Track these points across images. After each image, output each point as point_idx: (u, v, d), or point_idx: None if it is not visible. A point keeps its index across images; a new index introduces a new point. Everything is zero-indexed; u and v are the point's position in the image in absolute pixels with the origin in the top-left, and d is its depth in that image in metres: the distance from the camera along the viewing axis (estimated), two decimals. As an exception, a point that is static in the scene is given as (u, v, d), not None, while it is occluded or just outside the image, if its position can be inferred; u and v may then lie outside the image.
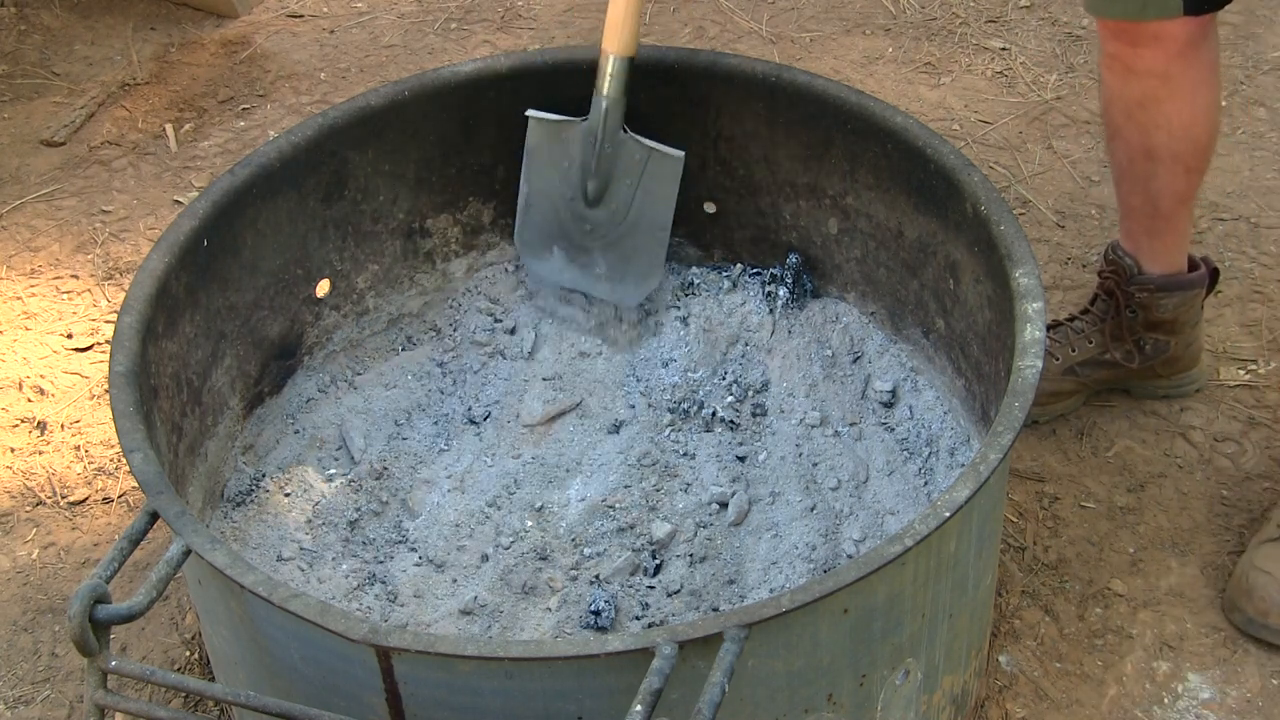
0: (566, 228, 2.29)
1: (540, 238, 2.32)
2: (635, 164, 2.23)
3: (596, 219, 2.28)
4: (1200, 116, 2.15)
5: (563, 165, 2.26)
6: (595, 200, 2.26)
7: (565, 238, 2.30)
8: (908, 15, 3.43)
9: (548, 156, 2.27)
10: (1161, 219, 2.26)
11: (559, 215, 2.29)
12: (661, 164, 2.23)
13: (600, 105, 2.20)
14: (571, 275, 2.31)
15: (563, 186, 2.27)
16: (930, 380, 2.22)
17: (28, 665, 2.16)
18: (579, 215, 2.28)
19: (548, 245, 2.31)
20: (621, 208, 2.26)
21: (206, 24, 3.53)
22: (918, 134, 2.05)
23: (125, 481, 2.42)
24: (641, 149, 2.22)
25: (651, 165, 2.23)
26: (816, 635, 1.59)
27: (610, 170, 2.24)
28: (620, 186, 2.24)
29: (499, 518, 2.11)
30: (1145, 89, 2.12)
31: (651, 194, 2.24)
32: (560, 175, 2.27)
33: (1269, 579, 2.09)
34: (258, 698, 1.51)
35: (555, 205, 2.29)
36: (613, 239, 2.28)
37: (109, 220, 2.97)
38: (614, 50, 2.16)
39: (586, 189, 2.25)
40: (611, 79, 2.18)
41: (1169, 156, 2.17)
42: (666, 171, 2.23)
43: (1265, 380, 2.49)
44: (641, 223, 2.26)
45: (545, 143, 2.26)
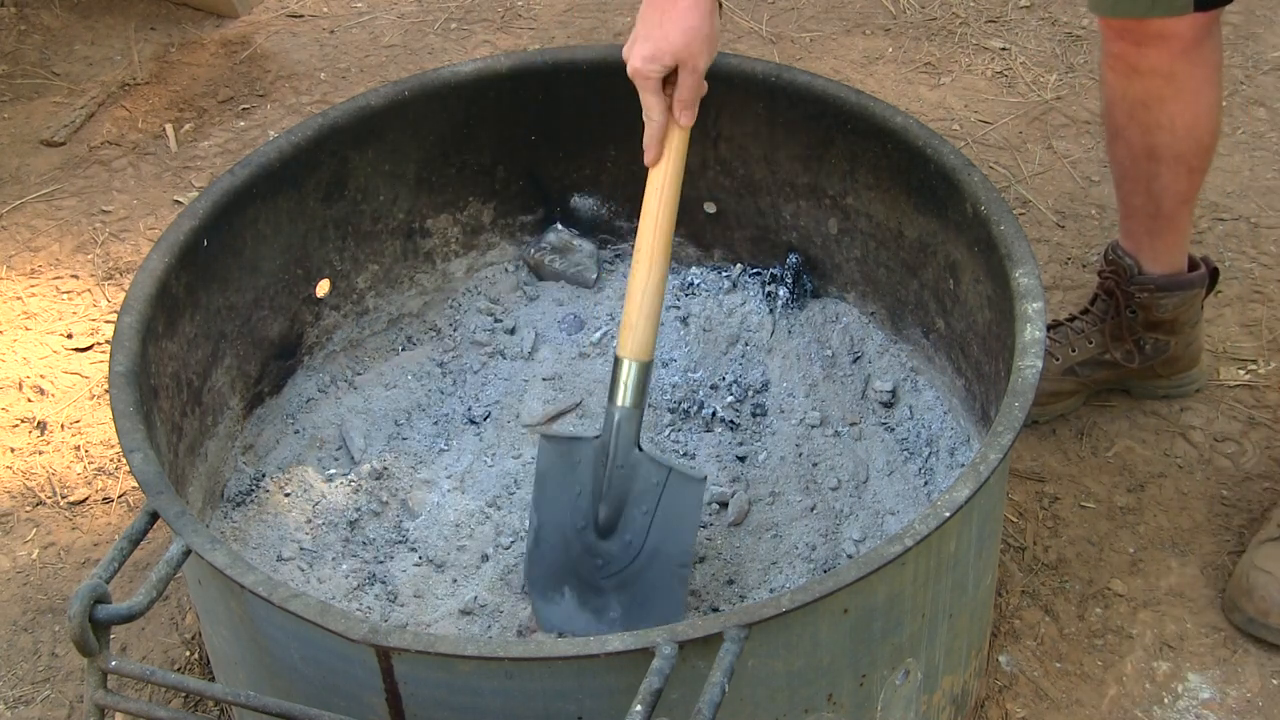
0: (577, 564, 1.99)
1: (550, 576, 2.00)
2: (652, 487, 1.94)
3: (609, 552, 1.97)
4: (1203, 116, 2.15)
5: (574, 491, 1.98)
6: (607, 530, 1.97)
7: (576, 576, 1.99)
8: (908, 15, 3.43)
9: (557, 480, 2.00)
10: (1163, 219, 2.26)
11: (569, 550, 1.99)
12: (681, 487, 1.93)
13: (613, 418, 1.93)
14: (584, 621, 1.99)
15: (573, 516, 1.98)
16: (930, 380, 2.22)
17: (28, 665, 2.16)
18: (590, 549, 1.98)
19: (558, 585, 1.99)
20: (636, 539, 1.96)
21: (206, 24, 3.53)
22: (918, 134, 2.05)
23: (125, 481, 2.42)
24: (659, 470, 1.94)
25: (670, 489, 1.93)
26: (816, 635, 1.59)
27: (624, 494, 1.95)
28: (634, 513, 1.95)
29: (499, 518, 2.11)
30: (1149, 89, 2.12)
31: (669, 523, 1.94)
32: (570, 503, 1.99)
33: (1269, 578, 2.09)
34: (258, 698, 1.51)
35: (565, 538, 1.99)
36: (626, 577, 1.97)
37: (109, 220, 2.97)
38: (629, 355, 1.90)
39: (598, 516, 1.97)
40: (626, 387, 1.91)
41: (1171, 157, 2.17)
42: (687, 496, 1.94)
43: (1265, 380, 2.49)
44: (658, 557, 1.95)
45: (556, 465, 2.00)
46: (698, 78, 1.85)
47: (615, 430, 1.93)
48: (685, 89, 1.85)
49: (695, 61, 1.83)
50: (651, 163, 1.92)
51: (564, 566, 2.00)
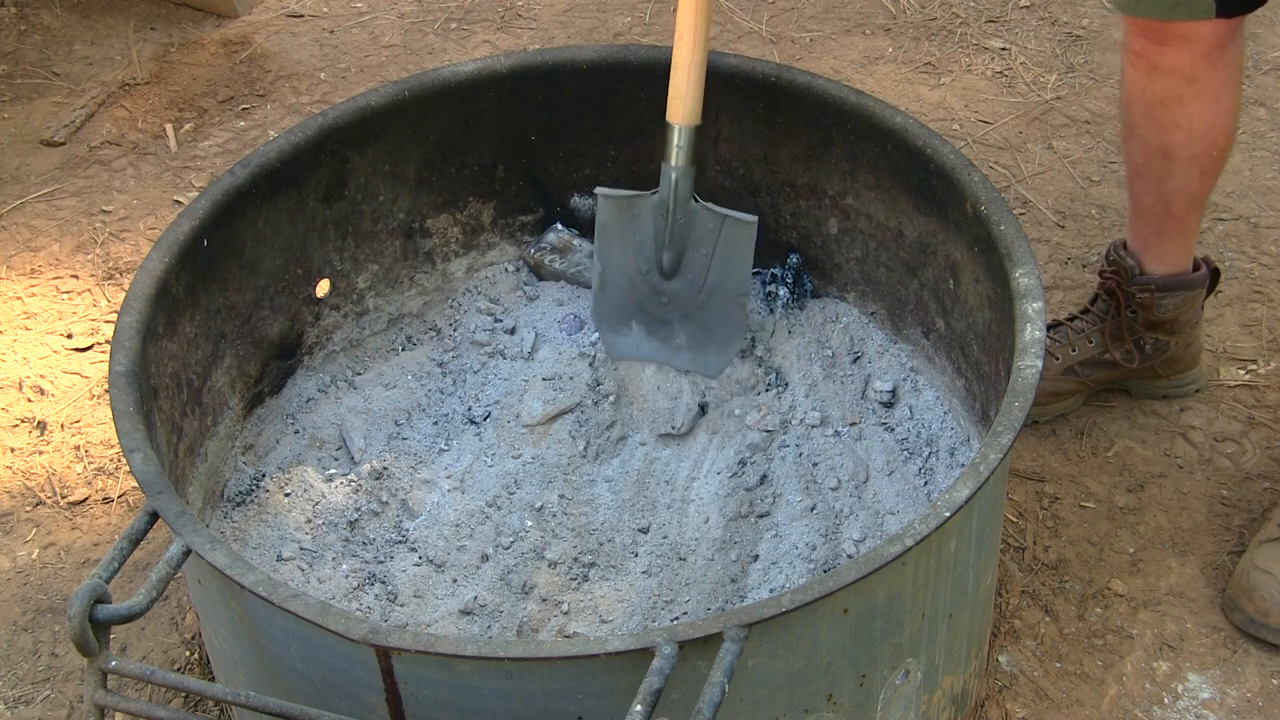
0: (643, 302, 2.27)
1: (617, 313, 2.29)
2: (709, 233, 2.20)
3: (673, 291, 2.25)
4: (1220, 119, 2.14)
5: (635, 240, 2.24)
6: (671, 272, 2.23)
7: (643, 311, 2.27)
8: (908, 15, 3.43)
9: (619, 232, 2.25)
10: (1172, 219, 2.26)
11: (635, 290, 2.26)
12: (735, 230, 2.19)
13: (670, 176, 2.17)
14: (651, 348, 2.28)
15: (637, 261, 2.25)
16: (930, 380, 2.22)
17: (28, 665, 2.16)
18: (655, 289, 2.25)
19: (625, 320, 2.29)
20: (698, 278, 2.23)
21: (206, 24, 3.53)
22: (918, 134, 2.05)
23: (125, 481, 2.42)
24: (714, 217, 2.19)
25: (725, 232, 2.19)
26: (816, 635, 1.59)
27: (684, 241, 2.21)
28: (695, 256, 2.22)
29: (499, 518, 2.11)
30: (1169, 88, 2.11)
31: (727, 261, 2.21)
32: (634, 250, 2.25)
33: (1269, 578, 2.09)
34: (258, 698, 1.51)
35: (631, 280, 2.26)
36: (691, 310, 2.25)
37: (109, 220, 2.97)
38: (680, 120, 2.13)
39: (662, 262, 2.23)
40: (679, 149, 2.14)
41: (1186, 157, 2.16)
42: (741, 237, 2.20)
43: (1265, 380, 2.49)
44: (719, 291, 2.23)
45: (616, 219, 2.24)
46: None
47: (674, 186, 2.16)
48: None
49: None
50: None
51: (630, 304, 2.27)
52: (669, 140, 2.15)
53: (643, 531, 2.09)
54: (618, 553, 2.06)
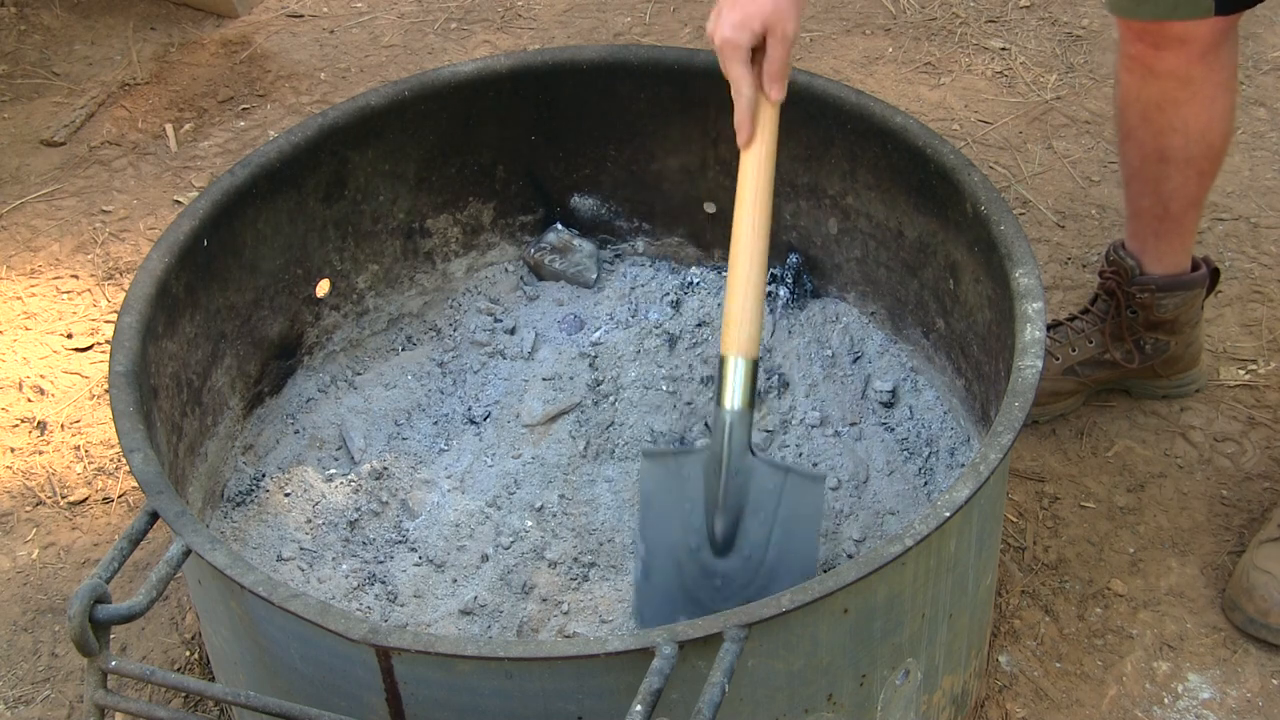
0: (693, 590, 1.84)
1: (664, 608, 1.85)
2: (769, 494, 1.81)
3: (728, 571, 1.83)
4: (1217, 121, 2.14)
5: (683, 509, 1.84)
6: (725, 546, 1.83)
7: (693, 603, 1.84)
8: (908, 15, 3.43)
9: (666, 501, 1.86)
10: (1170, 221, 2.26)
11: (683, 575, 1.85)
12: (800, 490, 1.82)
13: (725, 421, 1.79)
14: None
15: (684, 537, 1.84)
16: (930, 380, 2.22)
17: (28, 665, 2.16)
18: (706, 569, 1.84)
19: (672, 617, 1.72)
20: (756, 553, 1.83)
21: (206, 24, 3.53)
22: (918, 134, 2.05)
23: (125, 481, 2.42)
24: (775, 473, 1.83)
25: (788, 493, 1.81)
26: (816, 635, 1.59)
27: (740, 505, 1.81)
28: (752, 524, 1.82)
29: (499, 518, 2.11)
30: (1164, 91, 2.11)
31: (789, 531, 1.82)
32: (681, 523, 1.85)
33: (1269, 578, 2.09)
34: (258, 698, 1.51)
35: (679, 562, 1.85)
36: (749, 596, 1.79)
37: (109, 220, 2.97)
38: (737, 352, 1.79)
39: (714, 532, 1.83)
40: (735, 388, 1.79)
41: (1183, 160, 2.17)
42: (807, 499, 1.83)
43: (1265, 380, 2.49)
44: (780, 570, 1.81)
45: (661, 484, 1.86)
46: (787, 46, 1.72)
47: (728, 435, 1.79)
48: (775, 60, 1.74)
49: (785, 27, 1.72)
50: (745, 143, 1.78)
51: (679, 595, 1.85)
52: (723, 377, 1.80)
53: (643, 532, 2.09)
54: (618, 553, 2.06)
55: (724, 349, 1.81)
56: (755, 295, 1.79)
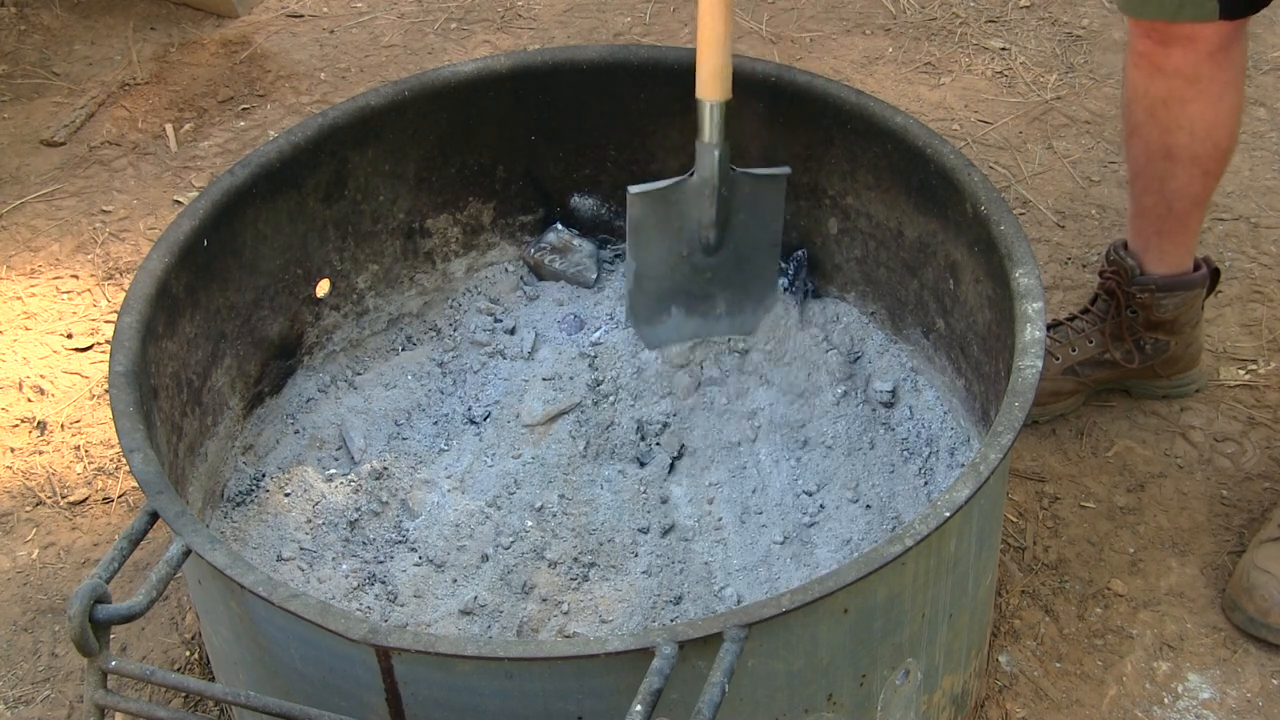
0: (684, 285, 2.25)
1: (655, 304, 2.27)
2: (746, 197, 2.19)
3: (717, 263, 2.24)
4: (1223, 120, 2.14)
5: (674, 227, 2.20)
6: (715, 247, 2.22)
7: (683, 294, 2.26)
8: (908, 15, 3.43)
9: (657, 224, 2.20)
10: (1174, 220, 2.26)
11: (675, 275, 2.24)
12: (770, 186, 2.19)
13: (711, 154, 2.13)
14: (691, 327, 2.27)
15: (677, 247, 2.22)
16: (930, 380, 2.22)
17: (28, 665, 2.16)
18: (698, 267, 2.23)
19: (664, 309, 2.27)
20: (740, 243, 2.23)
21: (206, 24, 3.53)
22: (918, 134, 2.05)
23: (125, 481, 2.42)
24: (750, 180, 2.18)
25: (761, 191, 2.19)
26: (816, 635, 1.59)
27: (726, 213, 2.19)
28: (734, 223, 2.21)
29: (499, 518, 2.11)
30: (1171, 89, 2.11)
31: (760, 217, 2.21)
32: (672, 238, 2.21)
33: (1269, 578, 2.09)
34: (258, 698, 1.51)
35: (671, 269, 2.24)
36: (730, 274, 2.24)
37: (109, 220, 2.97)
38: (714, 96, 2.09)
39: (708, 239, 2.21)
40: (715, 125, 2.11)
41: (1188, 158, 2.16)
42: (773, 192, 2.20)
43: (1265, 380, 2.49)
44: (754, 249, 2.23)
45: (651, 212, 2.20)
46: None
47: (716, 163, 2.12)
48: None
49: None
50: None
51: (670, 292, 2.25)
52: (703, 118, 2.10)
53: (643, 531, 2.09)
54: (618, 553, 2.06)
55: (701, 94, 2.09)
56: (724, 48, 2.05)
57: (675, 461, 2.19)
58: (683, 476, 2.18)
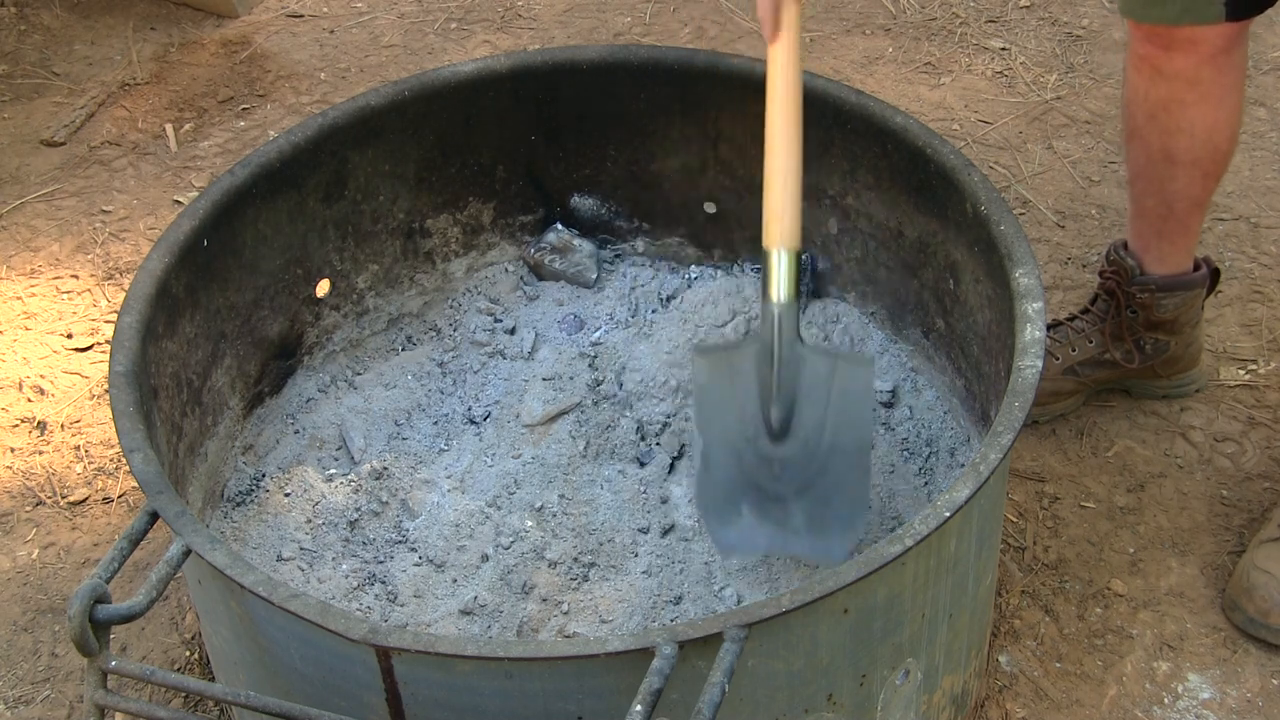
0: (753, 476, 1.91)
1: (724, 497, 1.93)
2: (820, 380, 1.86)
3: (786, 457, 1.89)
4: (1224, 123, 2.14)
5: (738, 401, 1.89)
6: (781, 433, 1.88)
7: (753, 489, 1.92)
8: (908, 15, 3.43)
9: (720, 395, 1.90)
10: (1174, 222, 2.26)
11: (742, 463, 1.91)
12: (851, 374, 1.88)
13: (772, 314, 1.83)
14: (766, 537, 1.93)
15: (741, 427, 1.90)
16: (930, 380, 2.22)
17: (28, 665, 2.16)
18: (765, 457, 1.89)
19: (734, 504, 1.91)
20: (812, 438, 1.88)
21: (206, 24, 3.53)
22: (918, 134, 2.05)
23: (125, 481, 2.42)
24: (826, 361, 1.88)
25: (839, 378, 1.86)
26: (816, 635, 1.59)
27: (793, 393, 1.86)
28: (807, 411, 1.87)
29: (499, 518, 2.11)
30: (1172, 92, 2.11)
31: (844, 414, 1.87)
32: (737, 414, 1.90)
33: (1269, 578, 2.09)
34: (258, 698, 1.51)
35: (738, 452, 1.91)
36: (808, 479, 1.89)
37: (109, 220, 2.97)
38: (779, 245, 1.81)
39: (770, 420, 1.88)
40: (780, 280, 1.82)
41: (1189, 161, 2.16)
42: (858, 382, 1.88)
43: (1265, 380, 2.49)
44: (837, 451, 1.88)
45: (714, 379, 1.91)
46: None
47: (777, 327, 1.83)
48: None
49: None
50: (770, 37, 1.80)
51: (739, 482, 1.91)
52: (768, 271, 1.82)
53: (643, 531, 2.09)
54: (618, 553, 2.06)
55: (766, 243, 1.83)
56: (793, 187, 1.81)
57: (675, 461, 2.19)
58: (683, 476, 2.17)
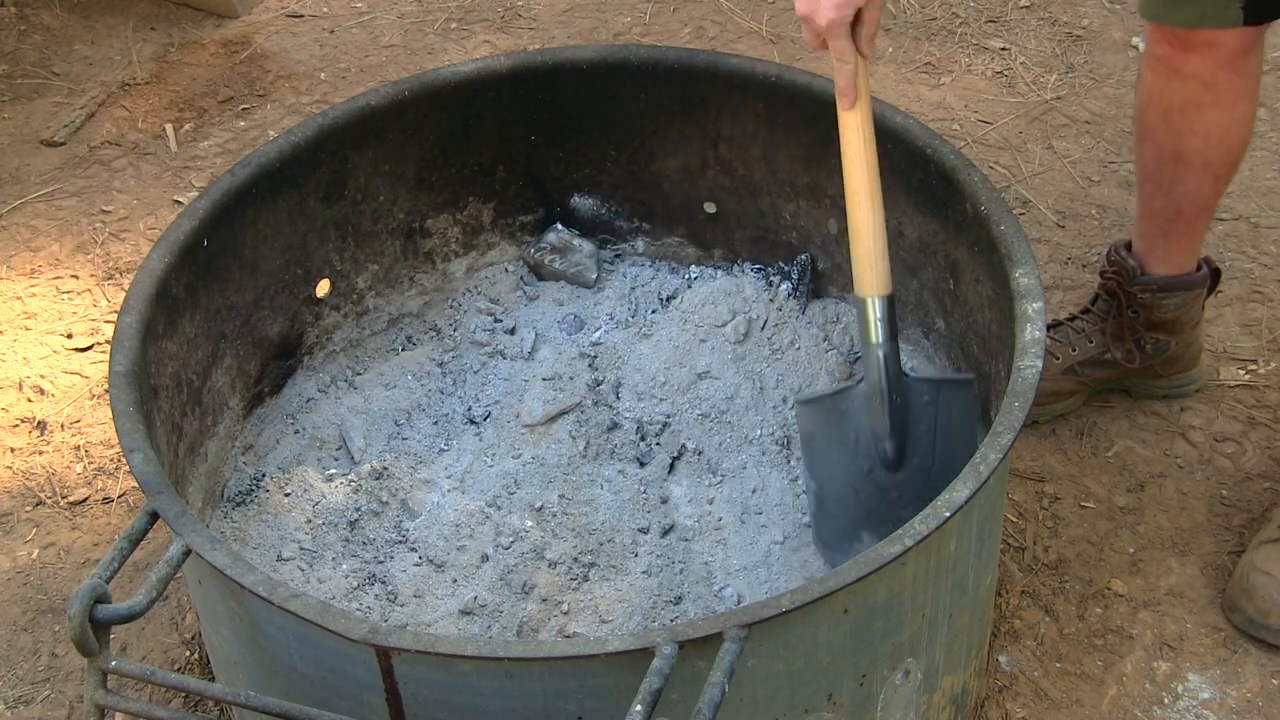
0: (870, 505, 2.04)
1: (844, 530, 2.05)
2: (925, 406, 2.01)
3: (904, 481, 2.03)
4: (1237, 125, 2.14)
5: (850, 440, 2.03)
6: (898, 462, 2.02)
7: (872, 516, 2.03)
8: (908, 15, 3.43)
9: (829, 437, 2.05)
10: (1181, 223, 2.25)
11: (859, 497, 2.04)
12: (954, 393, 2.01)
13: (878, 358, 1.98)
14: None
15: (856, 463, 2.03)
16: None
17: (28, 665, 2.16)
18: (883, 486, 2.03)
19: (854, 535, 2.04)
20: (925, 457, 2.02)
21: (206, 24, 3.53)
22: (918, 134, 2.05)
23: (125, 481, 2.42)
24: (929, 387, 2.02)
25: (944, 399, 2.01)
26: (816, 635, 1.59)
27: (905, 422, 2.00)
28: (918, 435, 2.01)
29: (499, 518, 2.11)
30: (1188, 94, 2.10)
31: (951, 432, 2.01)
32: (849, 452, 2.04)
33: (1269, 579, 2.09)
34: (258, 698, 1.51)
35: (854, 488, 2.04)
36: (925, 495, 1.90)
37: (109, 220, 2.97)
38: (874, 292, 1.95)
39: (886, 453, 2.01)
40: (879, 324, 1.96)
41: (1200, 163, 2.16)
42: (961, 399, 2.01)
43: (1265, 380, 2.49)
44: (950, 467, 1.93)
45: (822, 424, 2.05)
46: (879, 10, 1.87)
47: (883, 367, 1.98)
48: (869, 24, 1.86)
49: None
50: (848, 106, 1.92)
51: (856, 515, 2.05)
52: (865, 318, 1.97)
53: (643, 531, 2.09)
54: (618, 553, 2.06)
55: (861, 292, 1.97)
56: (880, 237, 1.94)
57: (675, 461, 2.19)
58: (683, 476, 2.18)
